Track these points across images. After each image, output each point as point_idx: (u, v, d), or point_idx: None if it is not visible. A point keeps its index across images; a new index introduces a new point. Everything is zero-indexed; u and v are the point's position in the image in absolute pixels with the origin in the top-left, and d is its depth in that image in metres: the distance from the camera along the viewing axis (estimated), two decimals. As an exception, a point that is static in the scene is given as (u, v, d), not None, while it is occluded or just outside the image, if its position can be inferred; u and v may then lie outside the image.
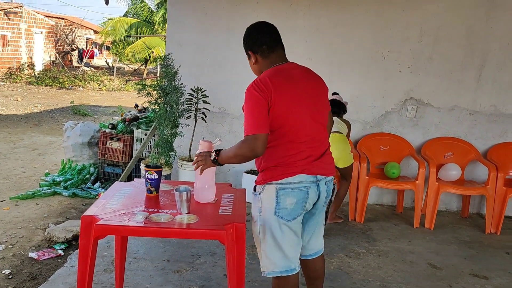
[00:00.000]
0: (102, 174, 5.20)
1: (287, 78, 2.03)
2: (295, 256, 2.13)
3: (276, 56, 2.12)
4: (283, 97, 1.97)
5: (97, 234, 1.92)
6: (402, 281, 3.14)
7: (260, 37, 2.11)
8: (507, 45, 4.44)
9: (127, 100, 14.21)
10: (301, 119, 2.03)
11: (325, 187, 2.13)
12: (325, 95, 2.18)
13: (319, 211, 2.20)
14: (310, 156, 2.06)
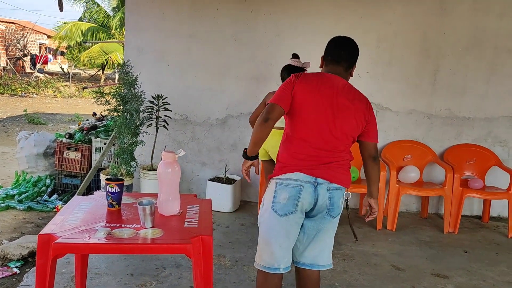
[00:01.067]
0: (60, 186, 4.99)
1: (322, 82, 2.17)
2: (281, 257, 2.19)
3: (334, 68, 2.25)
4: (308, 91, 2.15)
5: (55, 253, 1.82)
6: (367, 284, 3.19)
7: (333, 48, 2.28)
8: (459, 51, 4.62)
9: (84, 107, 13.80)
10: (316, 122, 2.14)
11: (326, 192, 2.14)
12: (358, 117, 2.17)
13: (321, 219, 2.20)
14: (315, 160, 2.14)
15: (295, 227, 2.20)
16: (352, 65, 2.29)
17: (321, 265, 2.28)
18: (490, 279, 3.39)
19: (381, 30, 4.61)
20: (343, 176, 2.19)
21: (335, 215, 2.21)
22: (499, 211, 4.83)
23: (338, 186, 2.17)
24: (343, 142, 2.17)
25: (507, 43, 4.59)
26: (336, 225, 2.27)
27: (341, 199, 2.20)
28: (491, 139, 4.79)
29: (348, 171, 2.23)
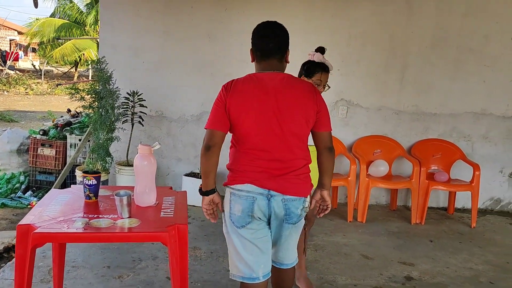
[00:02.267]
0: (34, 183, 4.98)
1: (255, 87, 2.00)
2: (256, 265, 2.07)
3: (266, 64, 2.06)
4: (241, 103, 1.98)
5: (35, 242, 1.88)
6: (337, 272, 3.33)
7: (258, 41, 2.08)
8: (425, 48, 4.82)
9: (57, 104, 13.61)
10: (260, 134, 1.99)
11: (281, 205, 2.02)
12: (306, 111, 2.01)
13: (280, 226, 2.10)
14: (268, 170, 2.01)
15: (259, 233, 2.07)
16: (284, 53, 2.09)
17: (285, 263, 2.21)
18: (452, 266, 3.58)
19: (351, 29, 4.77)
20: (299, 187, 2.05)
21: (294, 222, 2.09)
22: (464, 203, 5.06)
23: (294, 198, 2.04)
24: (296, 147, 2.03)
25: (469, 42, 4.82)
26: (299, 228, 2.16)
27: (299, 208, 2.07)
28: (456, 134, 5.01)
29: (305, 179, 2.07)
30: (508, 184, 5.13)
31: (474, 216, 4.54)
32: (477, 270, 3.52)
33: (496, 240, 4.23)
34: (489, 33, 4.81)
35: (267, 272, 2.12)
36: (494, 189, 5.11)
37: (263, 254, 2.09)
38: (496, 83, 4.90)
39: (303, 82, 2.10)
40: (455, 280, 3.33)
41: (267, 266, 2.12)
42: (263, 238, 2.08)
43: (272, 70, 2.05)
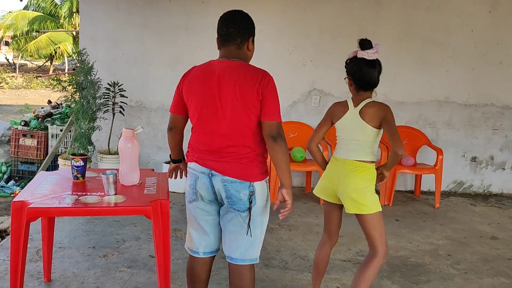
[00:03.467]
0: (16, 173, 5.09)
1: (204, 72, 2.08)
2: (198, 240, 2.23)
3: (224, 51, 2.12)
4: (189, 88, 2.11)
5: (29, 217, 2.06)
6: (309, 249, 3.59)
7: (220, 27, 2.13)
8: (392, 41, 5.10)
9: (34, 98, 13.53)
10: (205, 121, 2.08)
11: (222, 185, 2.07)
12: (246, 99, 2.01)
13: (227, 211, 2.13)
14: (210, 152, 2.09)
15: (203, 214, 2.18)
16: (246, 40, 2.11)
17: (234, 258, 2.16)
18: (415, 241, 3.88)
19: (323, 22, 5.01)
20: (240, 170, 2.05)
21: (240, 209, 2.08)
22: (429, 186, 5.38)
23: (234, 180, 2.05)
24: (239, 133, 2.05)
25: (433, 35, 5.12)
26: (248, 220, 2.08)
27: (242, 193, 2.05)
28: (421, 121, 5.33)
29: (249, 164, 2.06)
30: (470, 167, 5.48)
31: (438, 197, 4.86)
32: (437, 245, 3.83)
33: (456, 218, 4.56)
34: (450, 26, 5.13)
35: (209, 251, 2.25)
36: (457, 172, 5.46)
37: (205, 235, 2.21)
38: (458, 73, 5.23)
39: (250, 70, 2.06)
40: (416, 253, 3.63)
41: (209, 247, 2.24)
42: (208, 220, 2.19)
43: (228, 57, 2.09)
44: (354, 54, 2.47)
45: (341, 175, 2.42)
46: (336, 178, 2.45)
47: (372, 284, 3.03)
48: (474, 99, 5.32)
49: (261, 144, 2.10)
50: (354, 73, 2.45)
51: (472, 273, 3.34)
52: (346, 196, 2.42)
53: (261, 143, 2.10)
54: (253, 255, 2.18)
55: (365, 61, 2.39)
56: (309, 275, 3.14)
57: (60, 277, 2.89)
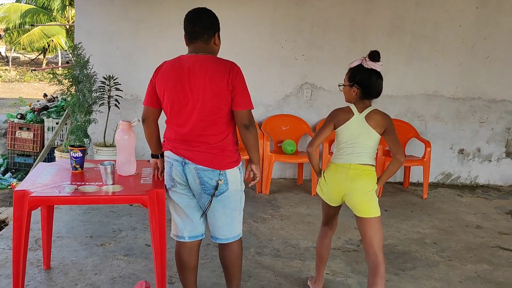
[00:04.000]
0: (12, 165, 5.16)
1: (175, 66, 2.20)
2: (182, 225, 2.36)
3: (193, 47, 2.24)
4: (161, 82, 2.23)
5: (31, 205, 2.16)
6: (300, 238, 3.71)
7: (186, 25, 2.24)
8: (382, 35, 5.21)
9: (28, 91, 13.53)
10: (176, 112, 2.21)
11: (195, 173, 2.21)
12: (217, 91, 2.14)
13: (202, 197, 2.28)
14: (183, 142, 2.23)
15: (184, 198, 2.32)
16: (212, 36, 2.23)
17: (219, 238, 2.38)
18: (403, 230, 4.02)
19: (314, 17, 5.10)
20: (211, 159, 2.20)
21: (216, 195, 2.25)
22: (418, 178, 5.52)
23: (206, 168, 2.20)
24: (210, 123, 2.18)
25: (422, 29, 5.23)
26: (226, 204, 2.29)
27: (214, 179, 2.21)
28: (410, 114, 5.45)
29: (220, 154, 2.22)
30: (457, 159, 5.62)
31: (426, 188, 5.00)
32: (424, 233, 3.97)
33: (443, 208, 4.71)
34: (439, 21, 5.24)
35: (194, 235, 2.39)
36: (445, 164, 5.61)
37: (189, 219, 2.35)
38: (446, 67, 5.35)
39: (219, 63, 2.18)
40: (403, 242, 3.76)
41: (194, 231, 2.38)
42: (189, 204, 2.33)
43: (197, 52, 2.21)
44: (359, 63, 2.51)
45: (347, 180, 2.46)
46: (342, 184, 2.49)
47: (360, 271, 3.18)
48: (461, 93, 5.45)
49: (232, 133, 2.27)
50: (366, 83, 2.49)
51: (456, 260, 3.48)
52: (356, 200, 2.47)
53: (232, 133, 2.27)
54: (235, 232, 2.39)
55: (375, 72, 2.48)
56: (299, 262, 3.26)
57: (59, 265, 2.99)
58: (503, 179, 5.72)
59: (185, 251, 2.41)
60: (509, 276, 3.26)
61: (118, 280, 2.85)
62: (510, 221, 4.45)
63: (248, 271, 3.04)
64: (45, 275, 2.86)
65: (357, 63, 2.52)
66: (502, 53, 5.37)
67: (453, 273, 3.26)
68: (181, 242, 2.40)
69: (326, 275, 3.09)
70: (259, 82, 5.13)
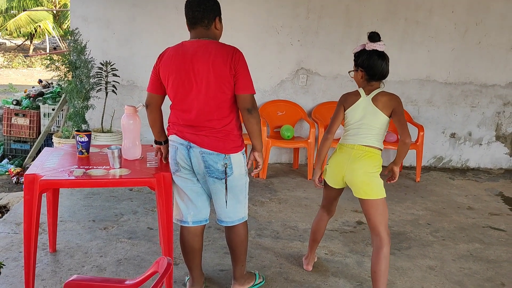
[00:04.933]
0: (9, 151, 5.16)
1: (178, 52, 2.23)
2: (186, 210, 2.42)
3: (194, 33, 2.28)
4: (165, 68, 2.25)
5: (42, 188, 2.20)
6: (298, 220, 3.80)
7: (187, 11, 2.26)
8: (377, 21, 5.26)
9: (16, 78, 13.37)
10: (181, 98, 2.25)
11: (200, 156, 2.27)
12: (220, 75, 2.19)
13: (207, 180, 2.34)
14: (188, 126, 2.28)
15: (188, 183, 2.38)
16: (212, 20, 2.25)
17: (224, 221, 2.44)
18: (397, 212, 4.13)
19: (310, 3, 5.13)
20: (217, 143, 2.26)
21: (218, 177, 2.30)
22: (411, 161, 5.62)
23: (211, 152, 2.26)
24: (215, 107, 2.23)
25: (415, 15, 5.30)
26: (229, 187, 2.33)
27: (219, 164, 2.27)
28: (404, 99, 5.43)
29: (224, 138, 2.27)
30: (449, 143, 5.75)
31: (419, 171, 5.12)
32: (417, 215, 4.09)
33: (436, 191, 4.83)
34: (432, 7, 5.30)
35: (198, 220, 2.44)
36: (437, 148, 5.73)
37: (192, 204, 2.41)
38: (439, 53, 5.44)
39: (222, 47, 2.21)
40: (398, 223, 3.87)
41: (197, 216, 2.43)
42: (192, 188, 2.39)
43: (199, 37, 2.25)
44: (362, 47, 2.56)
45: (348, 161, 2.50)
46: (344, 164, 2.53)
47: (357, 251, 3.28)
48: (454, 78, 5.55)
49: (236, 118, 2.32)
50: (368, 64, 2.51)
51: (449, 239, 3.60)
52: (355, 180, 2.50)
53: (236, 118, 2.32)
54: (240, 215, 2.46)
55: (376, 52, 2.51)
56: (299, 243, 3.36)
57: (65, 248, 3.05)
58: (493, 162, 5.87)
59: (189, 236, 2.47)
60: (500, 254, 3.39)
61: (124, 262, 2.92)
62: (500, 203, 4.59)
63: (250, 252, 3.12)
64: (52, 258, 2.92)
65: (360, 48, 2.57)
66: (493, 38, 5.46)
67: (446, 252, 3.38)
68: (185, 227, 2.46)
69: (325, 255, 3.19)
70: (255, 68, 5.09)
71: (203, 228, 2.52)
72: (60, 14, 18.87)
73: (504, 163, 5.88)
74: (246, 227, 2.52)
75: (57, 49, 19.65)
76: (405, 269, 3.07)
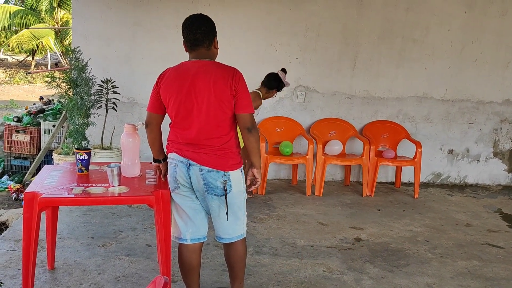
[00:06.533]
0: (9, 167, 5.19)
1: (179, 73, 2.28)
2: (184, 228, 2.43)
3: (194, 54, 2.33)
4: (166, 88, 2.29)
5: (41, 206, 2.23)
6: (297, 237, 3.81)
7: (186, 34, 2.31)
8: (374, 40, 5.34)
9: (18, 94, 13.46)
10: (181, 117, 2.29)
11: (199, 174, 2.30)
12: (220, 95, 2.24)
13: (205, 197, 2.36)
14: (187, 142, 2.31)
15: (187, 200, 2.40)
16: (212, 41, 2.32)
17: (223, 238, 2.47)
18: (396, 229, 4.14)
19: (308, 21, 5.22)
20: (216, 161, 2.29)
21: (218, 194, 2.33)
22: (409, 178, 5.65)
23: (210, 169, 2.29)
24: (215, 126, 2.27)
25: (412, 33, 5.37)
26: (231, 205, 2.37)
27: (218, 181, 2.30)
28: (401, 116, 5.59)
29: (224, 155, 2.31)
30: (447, 160, 5.77)
31: (417, 188, 5.14)
32: (416, 232, 4.09)
33: (434, 207, 4.84)
34: (429, 25, 5.39)
35: (196, 238, 2.45)
36: (435, 164, 5.75)
37: (191, 221, 2.43)
38: (436, 70, 5.50)
39: (222, 68, 2.28)
40: (396, 240, 3.88)
41: (196, 233, 2.45)
42: (191, 206, 2.42)
43: (199, 58, 2.31)
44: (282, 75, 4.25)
45: None
46: None
47: (355, 268, 3.29)
48: (451, 95, 5.60)
49: (235, 136, 2.38)
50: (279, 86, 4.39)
51: (448, 256, 3.60)
52: None
53: (235, 136, 2.38)
54: (239, 232, 2.48)
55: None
56: (297, 260, 3.36)
57: (63, 265, 3.05)
58: (491, 179, 5.89)
59: (188, 253, 2.48)
60: (498, 272, 3.39)
61: (122, 279, 2.92)
62: (498, 219, 4.60)
63: (248, 269, 3.12)
64: (50, 275, 2.92)
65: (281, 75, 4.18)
66: (489, 56, 5.53)
67: (444, 269, 3.38)
68: (183, 244, 2.47)
69: (323, 273, 3.19)
70: (254, 85, 5.19)
71: (201, 246, 2.54)
72: (62, 31, 19.09)
73: (502, 179, 5.90)
74: (244, 244, 2.54)
75: (58, 65, 19.82)
76: (403, 287, 3.07)
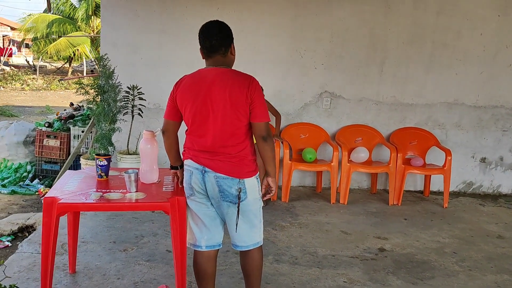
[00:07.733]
0: (40, 172, 5.34)
1: (195, 80, 2.29)
2: (199, 235, 2.43)
3: (211, 61, 2.32)
4: (183, 96, 2.30)
5: (59, 211, 2.27)
6: (319, 246, 3.74)
7: (203, 40, 2.31)
8: (402, 44, 5.22)
9: (54, 99, 13.91)
10: (197, 124, 2.29)
11: (214, 181, 2.30)
12: (237, 103, 2.24)
13: (221, 205, 2.36)
14: (203, 150, 2.31)
15: (202, 207, 2.40)
16: (228, 47, 2.32)
17: (239, 245, 2.44)
18: (422, 239, 4.01)
19: (334, 26, 5.16)
20: (231, 168, 2.29)
21: (233, 201, 2.32)
22: (439, 186, 5.46)
23: (226, 176, 2.29)
24: (230, 134, 2.27)
25: (442, 37, 5.22)
26: (246, 213, 2.36)
27: (233, 188, 2.30)
28: (431, 123, 5.43)
29: (239, 163, 2.30)
30: (479, 168, 5.56)
31: (446, 197, 4.97)
32: (443, 243, 3.95)
33: (464, 218, 4.67)
34: (460, 29, 5.22)
35: (211, 245, 2.44)
36: (466, 173, 5.55)
37: (206, 228, 2.42)
38: (467, 76, 5.32)
39: (239, 76, 2.28)
40: (423, 251, 3.75)
41: (211, 240, 2.44)
42: (206, 213, 2.41)
43: (216, 65, 2.31)
44: None
45: None
46: None
47: (377, 280, 3.19)
48: (483, 101, 5.40)
49: (250, 144, 2.37)
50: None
51: (476, 270, 3.45)
52: None
53: (250, 143, 2.36)
54: (255, 240, 2.46)
55: None
56: (317, 270, 3.30)
57: (84, 269, 3.10)
58: (527, 189, 5.63)
59: (203, 260, 2.47)
60: (531, 288, 3.23)
61: (140, 285, 2.94)
62: (533, 232, 4.39)
63: (266, 278, 3.09)
64: (71, 279, 2.97)
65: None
66: (524, 61, 5.31)
67: (472, 283, 3.24)
68: (199, 251, 2.46)
69: (343, 283, 3.12)
70: (279, 91, 5.20)
71: (216, 253, 2.52)
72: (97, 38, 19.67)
73: (539, 189, 5.63)
74: (261, 252, 2.51)
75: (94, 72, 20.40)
76: (427, 301, 2.96)
